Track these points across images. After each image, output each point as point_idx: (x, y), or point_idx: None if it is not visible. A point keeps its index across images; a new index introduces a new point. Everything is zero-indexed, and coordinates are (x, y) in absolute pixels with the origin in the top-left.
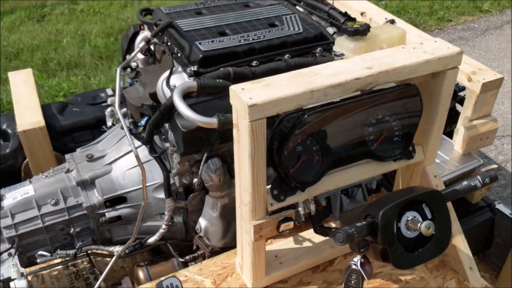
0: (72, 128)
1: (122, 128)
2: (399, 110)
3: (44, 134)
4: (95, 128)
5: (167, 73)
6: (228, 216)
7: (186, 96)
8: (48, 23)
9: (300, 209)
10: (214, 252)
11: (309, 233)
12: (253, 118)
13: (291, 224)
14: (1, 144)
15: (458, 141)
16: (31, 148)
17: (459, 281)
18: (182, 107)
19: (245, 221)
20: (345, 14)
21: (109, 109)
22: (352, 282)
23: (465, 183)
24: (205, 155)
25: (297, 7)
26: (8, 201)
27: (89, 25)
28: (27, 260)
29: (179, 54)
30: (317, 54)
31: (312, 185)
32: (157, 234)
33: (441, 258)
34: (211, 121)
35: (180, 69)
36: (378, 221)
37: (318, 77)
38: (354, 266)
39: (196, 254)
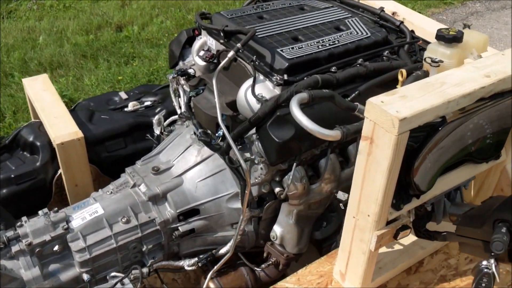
0: (104, 137)
1: (195, 136)
2: (500, 120)
3: (82, 145)
4: (127, 135)
5: (249, 81)
6: (302, 223)
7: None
8: (17, 20)
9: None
10: (290, 259)
11: None
12: (401, 131)
13: (408, 231)
14: (28, 157)
15: None
16: (67, 160)
17: None
18: (304, 119)
19: (362, 231)
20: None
21: (156, 117)
22: (483, 285)
23: None
24: (294, 164)
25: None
26: (77, 222)
27: (63, 21)
28: (95, 284)
29: (257, 62)
30: (389, 58)
31: (426, 192)
32: (230, 243)
33: None
34: (334, 134)
35: (261, 77)
36: None
37: (446, 87)
38: (486, 270)
39: (270, 262)
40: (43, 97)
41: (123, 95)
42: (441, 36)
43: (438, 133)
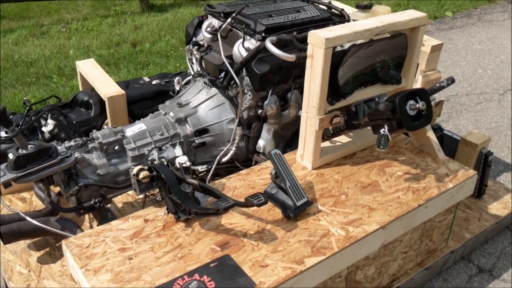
0: (137, 99)
1: (204, 84)
2: (394, 50)
3: (124, 100)
4: (154, 98)
5: (240, 40)
6: (278, 139)
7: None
8: (50, 39)
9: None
10: None
11: (339, 138)
12: (327, 47)
13: (339, 119)
14: (84, 111)
15: (417, 86)
16: (114, 111)
17: (432, 158)
18: (274, 48)
19: (311, 119)
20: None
21: (177, 78)
22: (382, 142)
23: (437, 84)
24: (270, 91)
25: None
26: (129, 133)
27: (88, 40)
28: None
29: (245, 28)
30: None
31: (350, 95)
32: (229, 154)
33: (420, 148)
34: (291, 56)
35: (248, 37)
36: (397, 103)
37: (356, 27)
38: (383, 132)
39: None
40: (94, 72)
41: (146, 79)
42: (358, 5)
43: (349, 52)
